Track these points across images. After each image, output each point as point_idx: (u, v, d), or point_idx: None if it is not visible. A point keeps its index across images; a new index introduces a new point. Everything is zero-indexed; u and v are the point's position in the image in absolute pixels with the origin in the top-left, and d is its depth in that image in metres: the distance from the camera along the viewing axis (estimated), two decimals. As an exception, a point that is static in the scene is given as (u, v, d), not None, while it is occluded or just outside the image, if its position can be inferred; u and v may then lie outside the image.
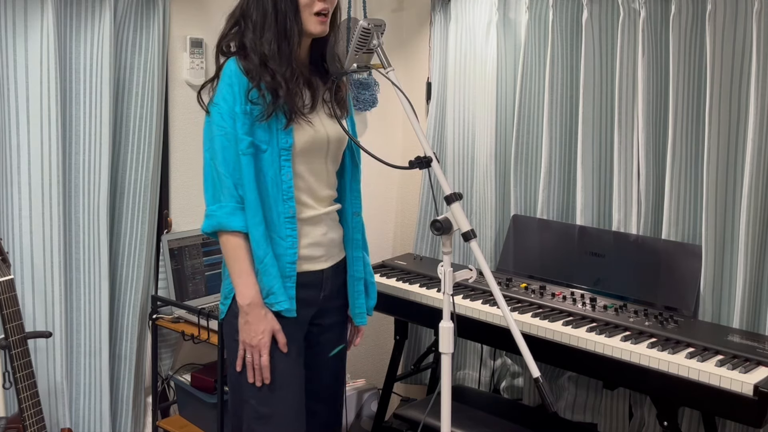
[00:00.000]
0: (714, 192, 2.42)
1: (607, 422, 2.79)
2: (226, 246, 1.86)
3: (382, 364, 3.25)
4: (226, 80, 1.83)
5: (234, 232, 1.83)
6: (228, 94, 1.82)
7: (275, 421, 1.88)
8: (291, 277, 1.88)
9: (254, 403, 1.89)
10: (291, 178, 1.85)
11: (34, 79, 2.31)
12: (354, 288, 2.05)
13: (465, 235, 1.66)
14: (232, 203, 1.82)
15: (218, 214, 1.83)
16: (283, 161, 1.84)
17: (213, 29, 2.69)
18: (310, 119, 1.89)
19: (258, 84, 1.81)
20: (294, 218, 1.87)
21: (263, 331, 1.84)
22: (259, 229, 1.82)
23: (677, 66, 2.47)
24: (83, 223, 2.49)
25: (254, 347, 1.85)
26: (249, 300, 1.84)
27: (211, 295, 2.76)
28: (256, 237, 1.82)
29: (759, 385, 1.89)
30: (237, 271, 1.85)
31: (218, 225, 1.84)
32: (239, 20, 1.89)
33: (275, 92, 1.81)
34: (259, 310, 1.84)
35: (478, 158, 3.07)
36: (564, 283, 2.67)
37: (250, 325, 1.84)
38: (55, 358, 2.42)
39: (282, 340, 1.87)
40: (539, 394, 1.63)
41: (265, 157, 1.83)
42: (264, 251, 1.82)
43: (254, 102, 1.82)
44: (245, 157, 1.81)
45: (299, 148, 1.86)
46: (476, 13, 3.03)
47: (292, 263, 1.87)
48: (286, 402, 1.89)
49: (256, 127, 1.83)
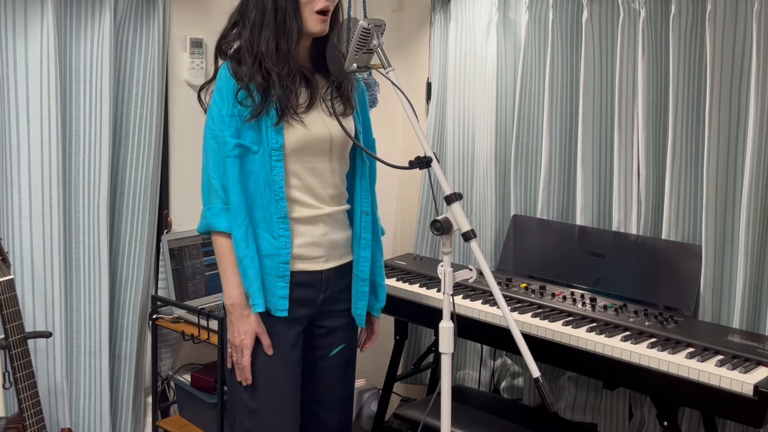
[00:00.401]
0: (714, 192, 2.42)
1: (607, 422, 2.79)
2: (215, 246, 1.90)
3: (382, 364, 3.25)
4: (217, 84, 1.87)
5: (221, 232, 1.86)
6: (218, 98, 1.86)
7: (263, 415, 1.89)
8: (284, 276, 1.88)
9: (245, 397, 1.91)
10: (282, 178, 1.86)
11: (34, 79, 2.31)
12: (357, 288, 2.03)
13: (465, 235, 1.66)
14: (219, 204, 1.86)
15: (207, 215, 1.88)
16: (275, 161, 1.85)
17: (213, 29, 2.69)
18: (303, 119, 1.88)
19: (246, 85, 1.82)
20: (286, 218, 1.87)
21: (245, 332, 1.86)
22: (240, 230, 1.84)
23: (677, 66, 2.47)
24: (83, 223, 2.49)
25: (237, 347, 1.88)
26: (232, 300, 1.87)
27: (211, 295, 2.76)
28: (236, 238, 1.84)
29: (759, 385, 1.89)
30: (222, 271, 1.89)
31: (207, 225, 1.89)
32: (238, 20, 1.89)
33: (266, 92, 1.82)
34: (242, 310, 1.86)
35: (478, 158, 3.07)
36: (564, 283, 2.67)
37: (232, 325, 1.88)
38: (55, 358, 2.42)
39: (266, 342, 1.87)
40: (539, 394, 1.63)
41: (256, 158, 1.85)
42: (243, 253, 1.84)
43: (243, 103, 1.83)
44: (230, 159, 1.83)
45: (291, 147, 1.87)
46: (476, 13, 3.03)
47: (285, 263, 1.88)
48: (274, 398, 1.90)
49: (246, 128, 1.84)
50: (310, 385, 2.01)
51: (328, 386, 2.05)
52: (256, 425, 1.90)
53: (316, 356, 2.02)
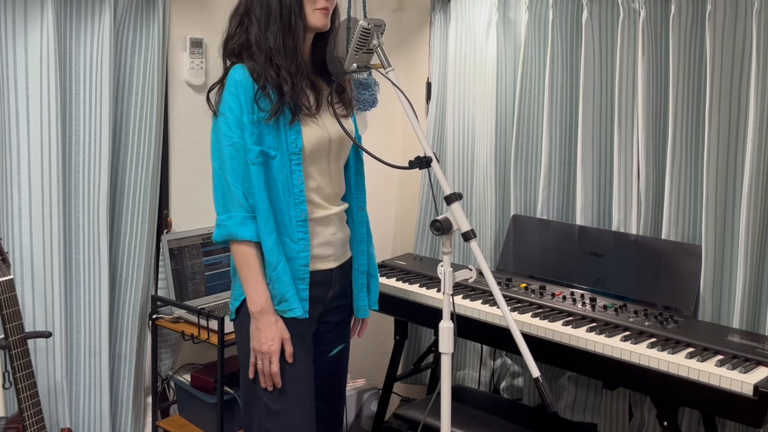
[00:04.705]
0: (714, 192, 2.42)
1: (607, 422, 2.79)
2: (236, 254, 1.87)
3: (382, 364, 3.25)
4: (232, 90, 1.83)
5: (244, 241, 1.84)
6: (234, 104, 1.82)
7: (285, 418, 1.89)
8: (304, 279, 1.89)
9: (266, 400, 1.90)
10: (302, 182, 1.87)
11: (34, 79, 2.31)
12: (358, 281, 2.07)
13: (465, 235, 1.66)
14: (242, 213, 1.84)
15: (228, 224, 1.85)
16: (294, 165, 1.86)
17: (213, 29, 2.70)
18: (317, 120, 1.90)
19: (264, 84, 1.82)
20: (306, 222, 1.88)
21: (273, 338, 1.85)
22: (272, 237, 1.83)
23: (677, 66, 2.47)
24: (83, 223, 2.49)
25: (264, 354, 1.86)
26: (259, 307, 1.85)
27: (210, 295, 2.76)
28: (269, 245, 1.83)
29: (759, 385, 1.89)
30: (247, 278, 1.86)
31: (228, 234, 1.85)
32: (243, 18, 1.89)
33: (280, 88, 1.82)
34: (270, 316, 1.86)
35: (478, 158, 3.07)
36: (564, 283, 2.67)
37: (260, 332, 1.86)
38: (55, 358, 2.42)
39: (289, 350, 1.87)
40: (539, 394, 1.63)
41: (275, 162, 1.84)
42: (277, 259, 1.84)
43: (263, 109, 1.83)
44: (254, 166, 1.82)
45: (309, 149, 1.88)
46: (476, 13, 3.03)
47: (305, 266, 1.89)
48: (296, 400, 1.90)
49: (265, 134, 1.83)
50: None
51: (325, 380, 2.07)
52: (278, 427, 1.89)
53: (317, 352, 2.03)
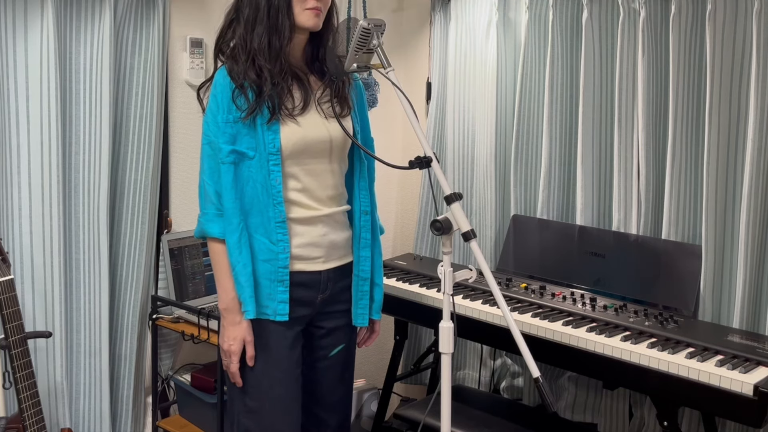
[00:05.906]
0: (714, 192, 2.42)
1: (607, 422, 2.79)
2: (210, 251, 1.92)
3: (382, 364, 3.25)
4: (213, 90, 1.88)
5: (214, 238, 1.87)
6: (213, 104, 1.86)
7: (262, 415, 1.90)
8: (284, 281, 1.88)
9: (244, 397, 1.92)
10: (280, 182, 1.85)
11: (34, 79, 2.31)
12: (358, 288, 2.03)
13: (465, 235, 1.66)
14: (213, 210, 1.87)
15: (201, 221, 1.90)
16: (272, 166, 1.84)
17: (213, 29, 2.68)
18: (299, 120, 1.88)
19: (241, 83, 1.82)
20: (284, 223, 1.87)
21: (234, 338, 1.87)
22: (233, 236, 1.84)
23: (677, 66, 2.47)
24: (83, 223, 2.49)
25: (225, 352, 1.89)
26: (225, 305, 1.88)
27: (210, 295, 2.75)
28: (230, 244, 1.85)
29: (759, 385, 1.89)
30: (216, 276, 1.91)
31: (201, 231, 1.91)
32: (234, 18, 1.90)
33: (260, 90, 1.82)
34: (234, 316, 1.87)
35: (478, 158, 3.07)
36: (564, 283, 2.67)
37: (224, 330, 1.89)
38: (55, 358, 2.42)
39: (250, 353, 1.88)
40: (539, 394, 1.63)
41: (253, 163, 1.85)
42: (235, 259, 1.84)
43: (238, 105, 1.84)
44: (224, 165, 1.84)
45: (288, 150, 1.86)
46: (476, 13, 3.03)
47: (284, 267, 1.87)
48: (273, 397, 1.90)
49: (243, 134, 1.84)
50: (309, 386, 2.01)
51: (327, 386, 2.05)
52: (255, 424, 1.91)
53: (315, 357, 2.02)
